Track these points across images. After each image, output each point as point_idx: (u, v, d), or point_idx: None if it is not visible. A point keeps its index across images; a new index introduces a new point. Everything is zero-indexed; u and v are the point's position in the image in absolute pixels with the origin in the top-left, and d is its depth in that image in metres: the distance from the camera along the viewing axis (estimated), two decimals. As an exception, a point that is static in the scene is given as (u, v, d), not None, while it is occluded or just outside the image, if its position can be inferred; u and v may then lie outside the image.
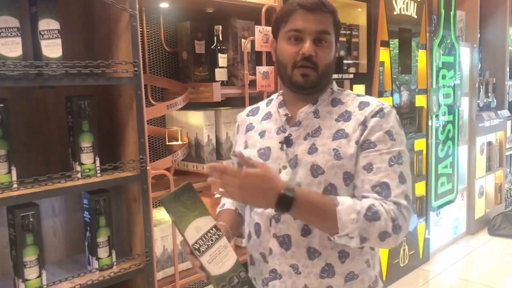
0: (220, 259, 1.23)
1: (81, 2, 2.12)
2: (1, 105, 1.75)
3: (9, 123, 1.77)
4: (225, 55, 2.49)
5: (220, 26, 2.47)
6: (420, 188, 4.12)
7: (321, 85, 1.33)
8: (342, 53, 3.13)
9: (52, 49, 1.80)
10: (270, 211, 1.30)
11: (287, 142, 1.33)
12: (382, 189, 1.20)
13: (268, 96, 2.51)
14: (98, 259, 1.98)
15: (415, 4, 3.74)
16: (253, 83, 2.51)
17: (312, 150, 1.28)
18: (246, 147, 1.42)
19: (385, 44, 3.42)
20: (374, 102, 1.32)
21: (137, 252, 2.07)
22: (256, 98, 2.48)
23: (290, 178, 1.28)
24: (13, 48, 1.72)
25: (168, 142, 2.41)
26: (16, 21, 1.72)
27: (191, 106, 2.45)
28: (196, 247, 1.21)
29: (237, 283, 1.23)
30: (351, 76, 3.11)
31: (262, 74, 2.52)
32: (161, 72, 2.63)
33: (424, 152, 4.10)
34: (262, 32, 2.50)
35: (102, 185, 1.93)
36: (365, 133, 1.26)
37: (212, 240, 1.23)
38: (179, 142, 2.40)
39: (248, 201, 1.19)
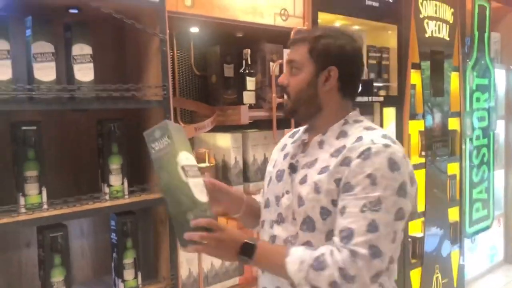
0: (201, 190, 1.30)
1: (113, 28, 2.17)
2: (34, 127, 1.80)
3: (41, 145, 1.81)
4: (254, 79, 2.51)
5: (249, 50, 2.49)
6: (453, 214, 3.98)
7: (301, 112, 1.37)
8: (372, 75, 3.10)
9: (84, 73, 1.85)
10: (270, 231, 1.38)
11: (292, 168, 1.37)
12: (346, 234, 1.18)
13: (295, 120, 2.48)
14: (124, 281, 1.98)
15: (447, 26, 3.68)
16: (281, 106, 2.50)
17: (303, 180, 1.31)
18: (274, 165, 1.48)
19: (417, 66, 3.36)
20: (367, 139, 1.25)
21: (162, 275, 2.06)
22: (283, 121, 2.48)
23: (289, 204, 1.33)
24: (47, 72, 1.77)
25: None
26: (51, 47, 1.78)
27: (219, 128, 2.46)
28: (186, 170, 1.28)
29: (209, 215, 1.27)
30: (381, 99, 3.07)
31: (290, 97, 2.51)
32: (191, 95, 2.66)
33: (458, 177, 3.98)
34: (290, 56, 2.49)
35: (130, 207, 1.94)
36: (346, 174, 1.23)
37: (197, 173, 1.33)
38: (207, 164, 2.40)
39: (216, 254, 1.27)
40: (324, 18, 2.73)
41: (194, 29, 2.42)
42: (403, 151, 1.27)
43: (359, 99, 2.87)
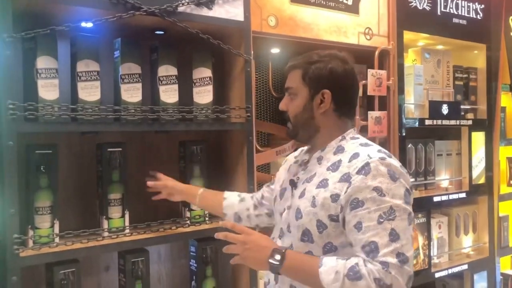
0: None
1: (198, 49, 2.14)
2: (119, 148, 1.78)
3: (126, 167, 1.78)
4: (336, 100, 2.39)
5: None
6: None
7: (302, 134, 1.43)
8: (458, 97, 2.90)
9: (169, 94, 1.82)
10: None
11: (293, 184, 1.43)
12: (370, 249, 1.21)
13: (380, 143, 2.35)
14: (202, 311, 1.89)
15: (540, 44, 3.40)
16: (364, 129, 2.37)
17: (302, 194, 1.37)
18: (281, 184, 1.54)
19: (508, 88, 3.12)
20: (364, 154, 1.30)
21: (241, 306, 1.96)
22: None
23: (285, 218, 1.40)
24: (134, 93, 1.75)
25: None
26: (138, 68, 1.77)
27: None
28: None
29: None
30: (469, 122, 2.85)
31: (374, 119, 2.38)
32: (268, 117, 2.59)
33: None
34: (375, 76, 2.37)
35: (211, 233, 1.86)
36: (349, 191, 1.26)
37: None
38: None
39: (248, 261, 1.32)
40: (408, 37, 2.59)
41: (275, 50, 2.36)
42: (399, 163, 1.32)
43: (445, 122, 2.69)
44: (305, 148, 1.56)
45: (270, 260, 1.26)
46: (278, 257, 1.25)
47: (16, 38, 1.46)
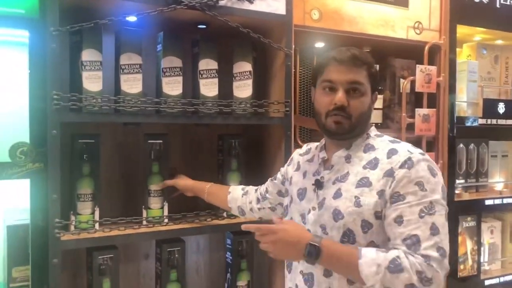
0: None
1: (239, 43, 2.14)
2: (160, 141, 1.82)
3: (167, 158, 1.82)
4: (381, 96, 2.32)
5: (377, 67, 2.31)
6: None
7: (355, 132, 1.38)
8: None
9: (209, 88, 1.84)
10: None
11: (318, 184, 1.40)
12: (412, 242, 1.21)
13: (427, 142, 2.25)
14: (236, 303, 1.90)
15: None
16: (410, 127, 2.28)
17: (337, 195, 1.33)
18: (290, 183, 1.53)
19: None
20: (403, 150, 1.31)
21: (275, 302, 1.95)
22: (413, 143, 2.23)
23: (315, 219, 1.36)
24: (175, 87, 1.78)
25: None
26: (179, 61, 1.80)
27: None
28: None
29: None
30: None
31: (421, 117, 2.28)
32: (311, 113, 2.54)
33: None
34: (424, 72, 2.27)
35: (246, 227, 1.86)
36: (393, 185, 1.26)
37: None
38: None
39: (282, 254, 1.34)
40: (463, 31, 2.46)
41: (319, 44, 2.32)
42: None
43: (501, 122, 2.54)
44: (313, 145, 1.56)
45: (306, 254, 1.25)
46: (314, 251, 1.25)
47: (62, 32, 1.53)
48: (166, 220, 1.79)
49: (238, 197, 1.73)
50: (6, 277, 1.63)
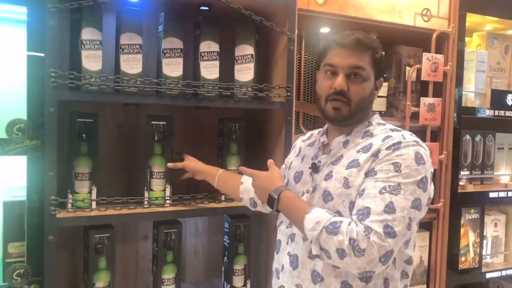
0: None
1: (241, 26, 2.12)
2: (164, 122, 1.81)
3: (170, 140, 1.81)
4: (386, 84, 2.28)
5: (383, 52, 2.27)
6: None
7: (355, 118, 1.36)
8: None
9: (210, 70, 1.82)
10: (289, 230, 1.41)
11: (315, 168, 1.40)
12: (362, 213, 1.20)
13: (432, 131, 2.21)
14: (232, 287, 1.90)
15: None
16: (415, 116, 2.25)
17: (328, 176, 1.34)
18: (289, 168, 1.54)
19: None
20: (398, 135, 1.30)
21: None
22: (417, 132, 2.20)
23: (308, 201, 1.35)
24: (175, 68, 1.77)
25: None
26: (180, 43, 1.78)
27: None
28: None
29: None
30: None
31: (427, 106, 2.25)
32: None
33: None
34: (430, 60, 2.23)
35: (244, 210, 1.86)
36: (374, 164, 1.26)
37: None
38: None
39: (259, 197, 1.46)
40: (474, 20, 2.41)
41: (324, 29, 2.28)
42: (428, 152, 1.30)
43: (509, 113, 2.49)
44: (316, 131, 1.56)
45: (267, 202, 1.37)
46: (272, 200, 1.34)
47: (61, 9, 1.52)
48: (168, 202, 1.78)
49: (251, 188, 1.60)
50: (2, 252, 1.65)
